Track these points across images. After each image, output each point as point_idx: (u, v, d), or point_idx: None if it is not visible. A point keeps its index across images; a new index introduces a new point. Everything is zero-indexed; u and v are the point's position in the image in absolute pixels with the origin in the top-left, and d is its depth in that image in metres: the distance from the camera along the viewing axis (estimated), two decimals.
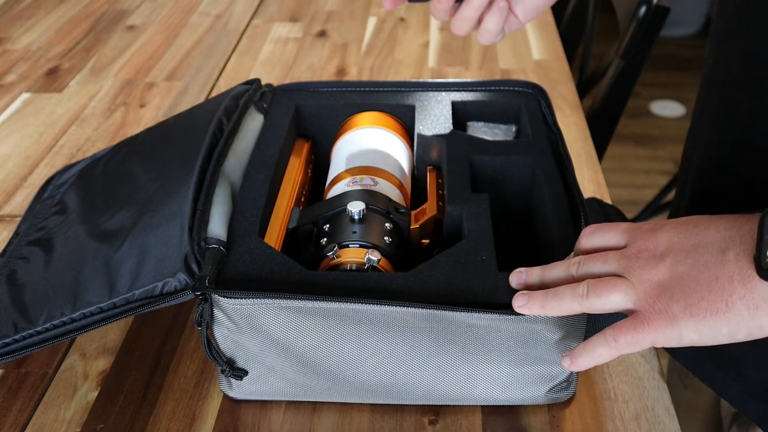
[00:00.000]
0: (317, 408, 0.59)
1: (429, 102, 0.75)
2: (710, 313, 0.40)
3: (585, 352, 0.46)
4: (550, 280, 0.50)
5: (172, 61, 1.15)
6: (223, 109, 0.70)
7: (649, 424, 0.57)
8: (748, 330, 0.40)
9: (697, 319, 0.41)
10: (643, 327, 0.43)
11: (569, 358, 0.48)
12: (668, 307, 0.42)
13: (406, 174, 0.71)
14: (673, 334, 0.42)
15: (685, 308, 0.41)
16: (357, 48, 1.17)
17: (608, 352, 0.45)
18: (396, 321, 0.52)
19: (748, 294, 0.39)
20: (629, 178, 2.13)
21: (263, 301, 0.51)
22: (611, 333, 0.45)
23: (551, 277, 0.50)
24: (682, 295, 0.41)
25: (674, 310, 0.42)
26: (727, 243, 0.41)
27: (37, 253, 0.64)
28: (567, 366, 0.48)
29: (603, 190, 0.83)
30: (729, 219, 0.42)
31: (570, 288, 0.47)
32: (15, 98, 1.06)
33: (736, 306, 0.40)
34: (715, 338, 0.41)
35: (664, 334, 0.42)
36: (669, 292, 0.42)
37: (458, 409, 0.58)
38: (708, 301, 0.40)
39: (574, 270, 0.48)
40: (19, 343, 0.56)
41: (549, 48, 1.15)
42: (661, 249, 0.44)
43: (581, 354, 0.47)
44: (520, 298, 0.49)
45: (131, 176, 0.68)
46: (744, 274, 0.39)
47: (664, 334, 0.42)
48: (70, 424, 0.58)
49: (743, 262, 0.40)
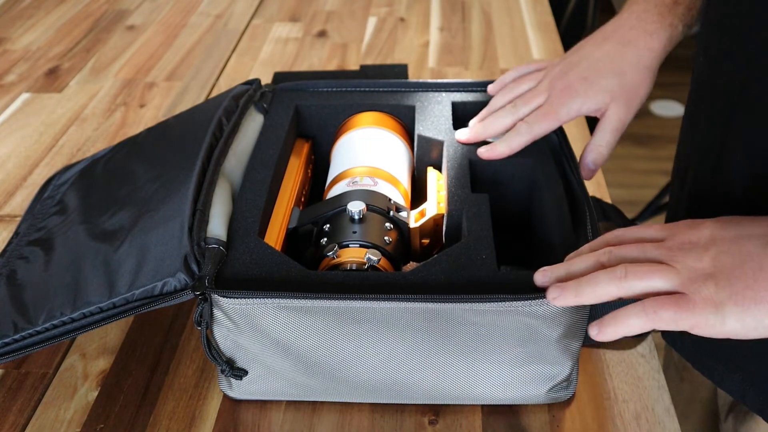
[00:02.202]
0: (317, 408, 0.59)
1: (429, 102, 0.75)
2: (755, 302, 0.41)
3: (616, 322, 0.45)
4: (577, 272, 0.49)
5: (172, 61, 1.15)
6: (223, 109, 0.70)
7: (649, 424, 0.57)
8: None
9: (743, 308, 0.41)
10: (688, 307, 0.42)
11: (597, 327, 0.46)
12: (715, 294, 0.42)
13: (406, 174, 0.71)
14: (716, 320, 0.42)
15: (730, 296, 0.41)
16: (357, 48, 1.17)
17: (642, 324, 0.44)
18: (396, 320, 0.52)
19: None
20: (629, 178, 2.13)
21: (263, 300, 0.51)
22: (652, 305, 0.43)
23: (578, 268, 0.49)
24: (727, 284, 0.42)
25: (721, 297, 0.42)
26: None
27: (37, 253, 0.64)
28: (594, 335, 0.46)
29: (603, 190, 0.83)
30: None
31: (606, 272, 0.46)
32: (15, 98, 1.06)
33: None
34: (756, 329, 0.41)
35: (707, 320, 0.42)
36: (714, 280, 0.42)
37: (458, 409, 0.58)
38: (753, 290, 0.41)
39: (605, 258, 0.47)
40: (19, 343, 0.56)
41: (549, 48, 1.15)
42: (704, 240, 0.44)
43: (611, 323, 0.45)
44: (554, 290, 0.48)
45: (131, 176, 0.68)
46: None
47: (707, 319, 0.42)
48: (70, 424, 0.58)
49: None
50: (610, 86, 0.63)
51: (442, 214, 0.63)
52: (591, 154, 0.65)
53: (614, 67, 0.64)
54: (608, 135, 0.65)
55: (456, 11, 1.29)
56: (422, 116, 0.73)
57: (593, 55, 0.65)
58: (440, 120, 0.72)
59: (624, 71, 0.64)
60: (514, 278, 0.54)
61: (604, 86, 0.63)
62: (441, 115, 0.73)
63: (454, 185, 0.64)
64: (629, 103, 0.64)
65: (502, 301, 0.50)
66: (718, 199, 0.58)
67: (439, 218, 0.63)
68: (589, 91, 0.64)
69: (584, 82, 0.64)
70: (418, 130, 0.72)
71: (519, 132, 0.65)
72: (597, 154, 0.65)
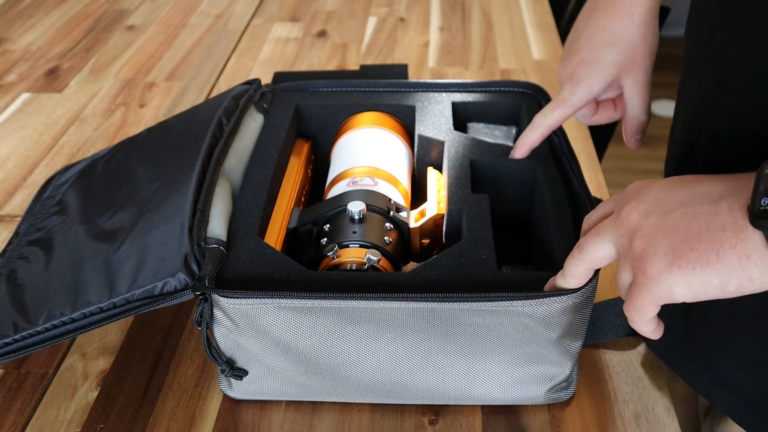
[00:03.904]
0: (317, 408, 0.59)
1: (429, 102, 0.75)
2: (700, 263, 0.40)
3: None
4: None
5: (172, 61, 1.15)
6: (223, 109, 0.70)
7: (649, 424, 0.57)
8: (739, 281, 0.39)
9: (686, 270, 0.40)
10: (636, 292, 0.43)
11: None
12: (654, 264, 0.42)
13: (406, 174, 0.71)
14: (662, 289, 0.42)
15: (672, 261, 0.41)
16: (357, 48, 1.17)
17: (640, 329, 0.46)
18: (396, 320, 0.52)
19: (740, 243, 0.38)
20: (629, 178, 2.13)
21: (263, 300, 0.51)
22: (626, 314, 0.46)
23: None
24: (669, 248, 0.41)
25: (660, 265, 0.41)
26: (721, 194, 0.40)
27: (37, 253, 0.64)
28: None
29: (603, 190, 0.83)
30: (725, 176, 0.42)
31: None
32: (15, 98, 1.06)
33: (728, 256, 0.39)
34: (706, 291, 0.41)
35: (655, 292, 0.42)
36: (654, 248, 0.42)
37: (458, 409, 0.58)
38: (698, 252, 0.40)
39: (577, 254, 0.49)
40: (19, 343, 0.56)
41: (549, 48, 1.15)
42: (646, 206, 0.43)
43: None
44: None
45: (131, 176, 0.68)
46: (737, 223, 0.39)
47: (655, 291, 0.42)
48: (70, 424, 0.58)
49: (736, 212, 0.39)
50: (610, 58, 0.62)
51: (442, 214, 0.63)
52: (631, 127, 0.65)
53: (607, 38, 0.63)
54: (637, 103, 0.64)
55: (456, 11, 1.29)
56: (422, 116, 0.73)
57: (584, 32, 0.65)
58: (440, 120, 0.72)
59: (619, 37, 0.62)
60: (514, 278, 0.54)
61: (605, 60, 0.63)
62: (441, 115, 0.73)
63: (454, 185, 0.64)
64: (640, 66, 0.63)
65: (502, 300, 0.50)
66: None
67: (439, 218, 0.63)
68: (591, 71, 0.63)
69: (583, 64, 0.63)
70: (419, 130, 0.72)
71: (535, 125, 0.65)
72: (637, 124, 0.65)
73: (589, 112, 0.67)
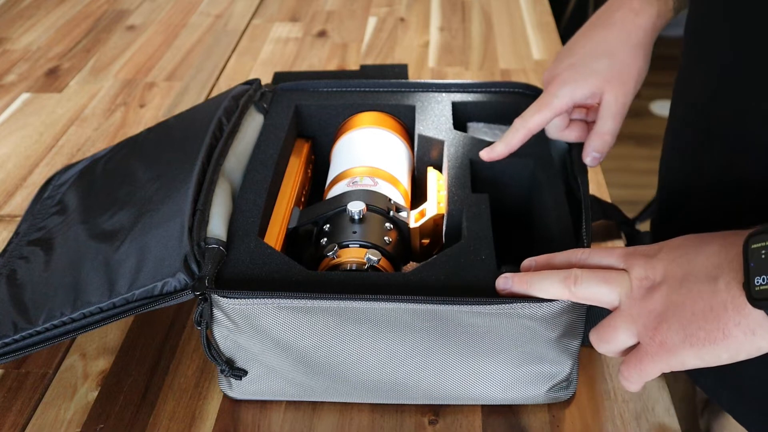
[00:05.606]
0: (317, 408, 0.59)
1: (429, 102, 0.75)
2: (708, 342, 0.41)
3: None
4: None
5: (172, 61, 1.15)
6: (223, 109, 0.70)
7: (649, 424, 0.57)
8: (748, 353, 0.41)
9: (697, 348, 0.42)
10: (647, 359, 0.44)
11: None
12: (667, 338, 0.43)
13: (406, 174, 0.71)
14: (676, 361, 0.43)
15: (684, 339, 0.42)
16: (357, 48, 1.17)
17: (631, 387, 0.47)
18: (396, 320, 0.52)
19: (743, 320, 0.40)
20: (629, 178, 2.13)
21: (263, 301, 0.51)
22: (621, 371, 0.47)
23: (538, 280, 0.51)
24: (680, 326, 0.42)
25: (674, 341, 0.42)
26: (717, 271, 0.41)
27: (37, 253, 0.64)
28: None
29: (603, 190, 0.83)
30: (718, 243, 0.43)
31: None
32: (15, 98, 1.06)
33: (733, 333, 0.40)
34: (718, 362, 0.42)
35: (668, 363, 0.43)
36: (666, 323, 0.43)
37: (458, 409, 0.58)
38: (705, 331, 0.41)
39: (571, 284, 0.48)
40: (19, 343, 0.56)
41: (549, 48, 1.15)
42: (657, 278, 0.44)
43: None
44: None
45: (131, 176, 0.68)
46: (736, 302, 0.40)
47: (668, 362, 0.43)
48: (70, 424, 0.58)
49: (734, 290, 0.40)
50: (599, 68, 0.62)
51: (442, 214, 0.63)
52: (595, 142, 0.64)
53: (600, 50, 0.63)
54: (609, 121, 0.63)
55: (456, 11, 1.29)
56: (422, 116, 0.73)
57: (580, 42, 0.65)
58: (440, 120, 0.72)
59: (612, 52, 0.62)
60: None
61: (593, 69, 0.62)
62: (441, 115, 0.73)
63: (454, 185, 0.64)
64: (624, 85, 0.62)
65: (501, 303, 0.50)
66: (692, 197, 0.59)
67: (439, 218, 0.63)
68: (577, 76, 0.62)
69: (571, 68, 0.63)
70: (419, 130, 0.72)
71: (515, 128, 0.64)
72: (601, 142, 0.63)
73: (562, 123, 0.66)
